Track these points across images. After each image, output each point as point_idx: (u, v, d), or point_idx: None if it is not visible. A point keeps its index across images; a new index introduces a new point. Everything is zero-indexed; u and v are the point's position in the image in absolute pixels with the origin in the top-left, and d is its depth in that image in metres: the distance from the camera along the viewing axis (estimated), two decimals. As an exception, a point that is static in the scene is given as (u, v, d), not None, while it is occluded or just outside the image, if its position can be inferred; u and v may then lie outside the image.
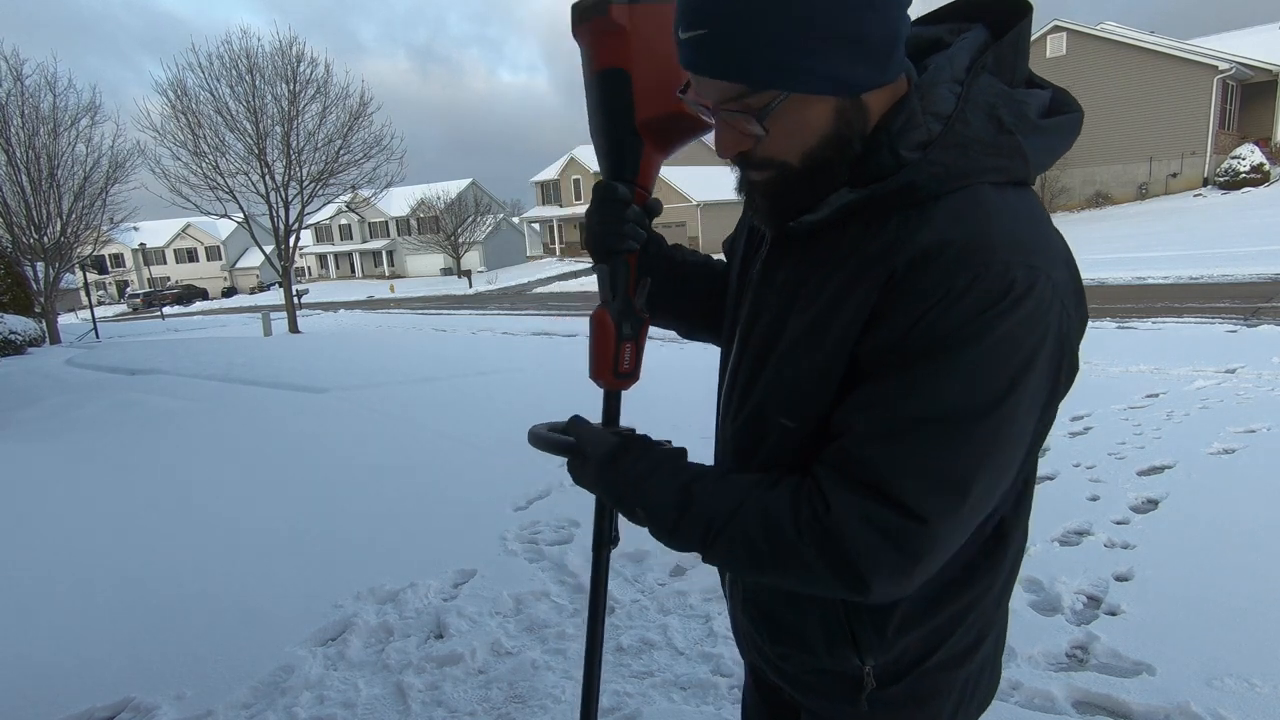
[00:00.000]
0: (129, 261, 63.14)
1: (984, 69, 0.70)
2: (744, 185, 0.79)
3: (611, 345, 0.95)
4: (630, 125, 0.90)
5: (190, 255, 63.73)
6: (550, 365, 8.88)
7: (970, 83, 0.70)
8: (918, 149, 0.69)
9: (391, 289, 41.03)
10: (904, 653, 0.80)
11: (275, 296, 41.58)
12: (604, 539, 1.02)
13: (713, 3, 0.64)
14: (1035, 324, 0.65)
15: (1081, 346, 0.73)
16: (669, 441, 0.88)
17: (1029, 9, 0.73)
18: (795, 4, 0.62)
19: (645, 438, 0.88)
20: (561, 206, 48.10)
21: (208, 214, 18.35)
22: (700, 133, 0.94)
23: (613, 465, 0.83)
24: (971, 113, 0.69)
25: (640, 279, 0.99)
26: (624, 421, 0.99)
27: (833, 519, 0.67)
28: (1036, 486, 0.88)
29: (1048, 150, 0.73)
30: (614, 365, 0.97)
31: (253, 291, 57.16)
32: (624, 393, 1.01)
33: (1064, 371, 0.70)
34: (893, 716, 0.83)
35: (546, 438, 0.90)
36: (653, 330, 1.07)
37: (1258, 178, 22.10)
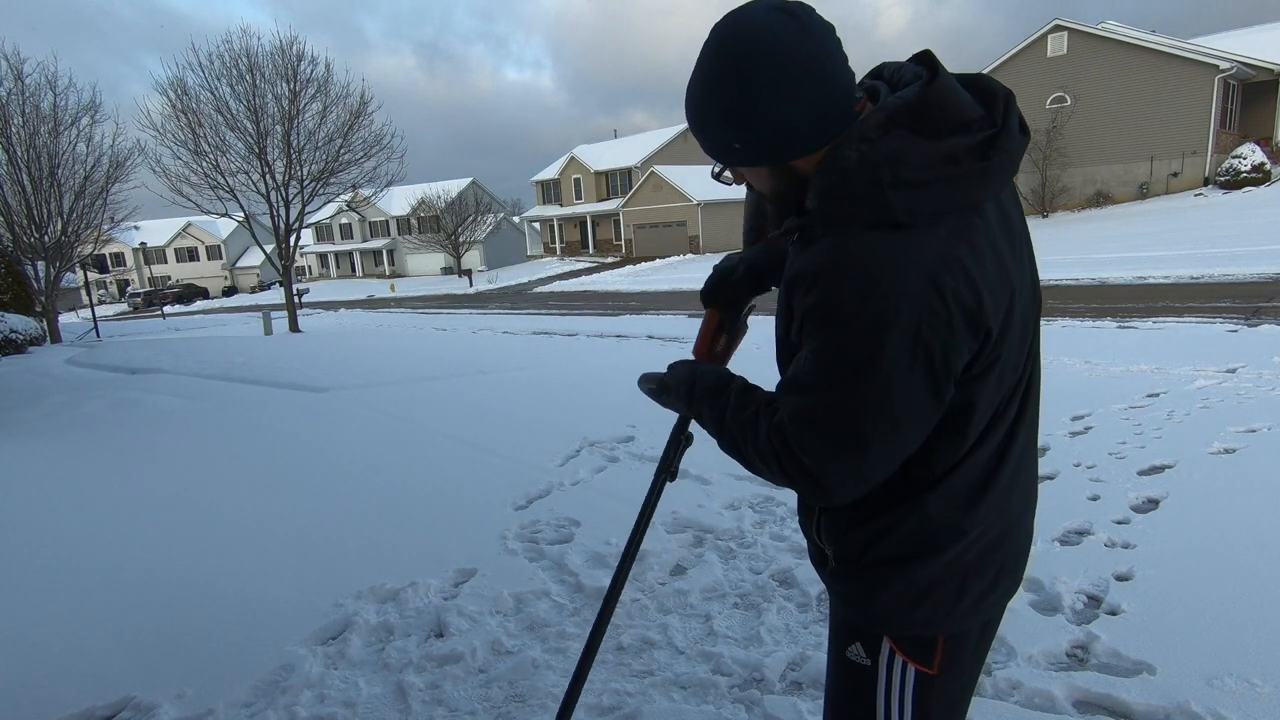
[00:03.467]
0: (129, 260, 63.14)
1: (898, 125, 0.91)
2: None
3: (711, 331, 1.34)
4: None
5: (191, 254, 63.71)
6: (551, 364, 8.89)
7: (877, 140, 0.91)
8: (820, 198, 0.94)
9: (392, 288, 41.04)
10: (849, 545, 1.09)
11: (276, 295, 41.61)
12: (664, 469, 1.34)
13: (690, 119, 1.02)
14: (867, 334, 0.88)
15: (1082, 346, 0.74)
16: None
17: (935, 75, 0.94)
18: (705, 128, 1.00)
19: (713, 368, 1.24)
20: (562, 206, 48.08)
21: (208, 213, 18.34)
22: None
23: (692, 363, 1.26)
24: (859, 172, 0.90)
25: (751, 304, 1.39)
26: (628, 420, 1.07)
27: (775, 447, 0.99)
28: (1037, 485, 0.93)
29: (933, 199, 0.89)
30: (710, 346, 1.35)
31: (253, 290, 57.19)
32: (628, 392, 1.12)
33: (939, 368, 0.90)
34: (843, 588, 1.13)
35: (647, 375, 1.30)
36: (652, 330, 1.15)
37: (1259, 177, 22.08)
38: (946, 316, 0.88)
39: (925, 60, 0.99)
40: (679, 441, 1.31)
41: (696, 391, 1.15)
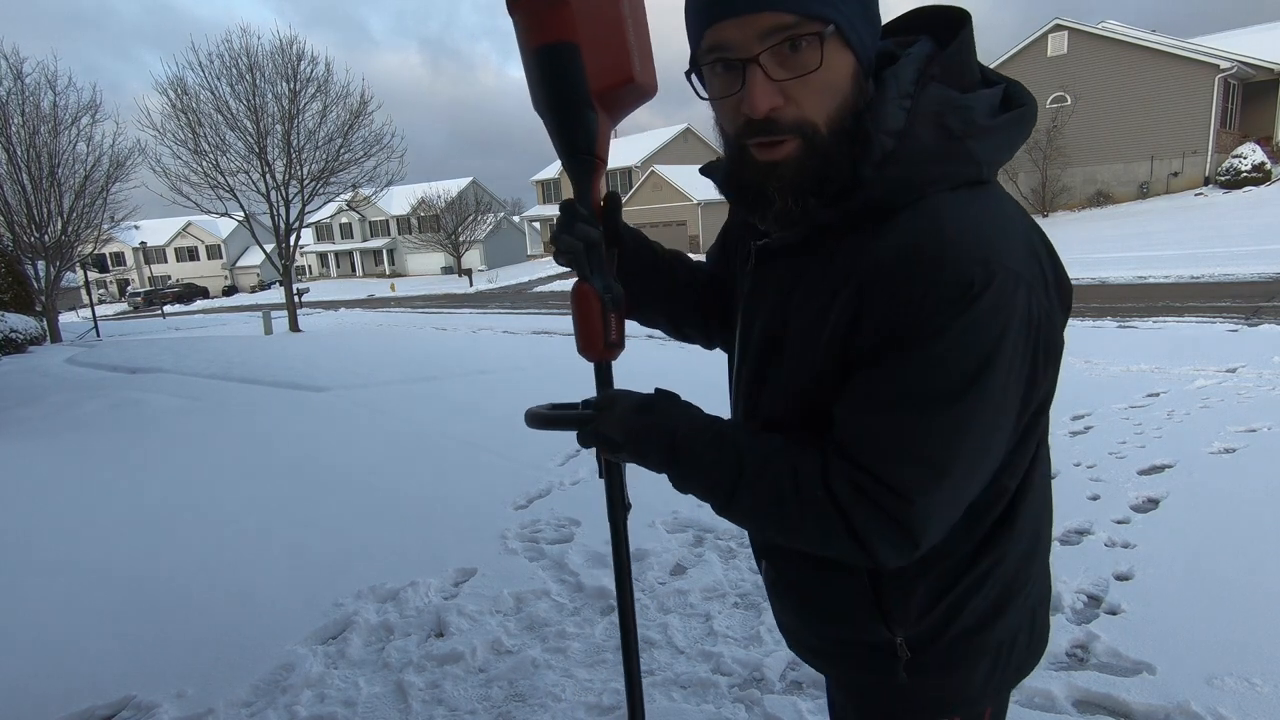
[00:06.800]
0: (130, 260, 63.09)
1: (932, 79, 0.76)
2: (756, 175, 0.77)
3: (598, 316, 0.95)
4: (586, 99, 0.89)
5: (191, 254, 63.70)
6: (551, 364, 8.88)
7: (918, 95, 0.75)
8: (874, 167, 0.74)
9: (392, 288, 41.03)
10: (932, 619, 0.84)
11: (276, 295, 41.58)
12: (619, 504, 1.04)
13: None
14: (996, 315, 0.69)
15: (1082, 346, 0.74)
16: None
17: (968, 18, 0.78)
18: None
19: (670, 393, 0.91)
20: (562, 205, 48.06)
21: (208, 213, 18.36)
22: (646, 98, 0.95)
23: (647, 410, 0.86)
24: (920, 126, 0.74)
25: (610, 250, 0.99)
26: None
27: (838, 494, 0.74)
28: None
29: (1001, 146, 0.76)
30: (604, 336, 0.97)
31: (253, 290, 57.17)
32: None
33: (1041, 352, 0.75)
34: (930, 683, 0.86)
35: (551, 415, 0.93)
36: (654, 329, 1.07)
37: (1259, 177, 22.05)
38: (1043, 284, 0.74)
39: (937, 13, 0.82)
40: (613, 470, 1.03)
41: (680, 446, 0.83)
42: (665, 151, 42.71)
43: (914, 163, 0.73)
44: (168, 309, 40.88)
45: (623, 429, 0.86)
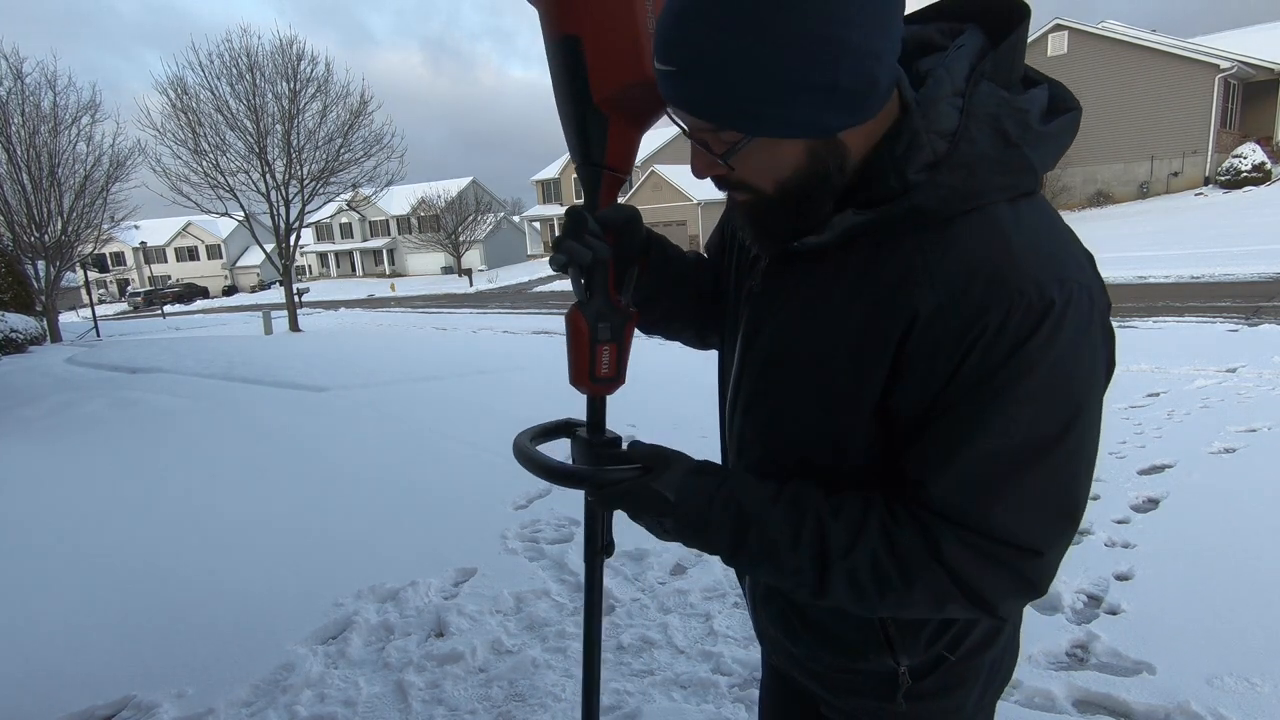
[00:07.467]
0: (130, 260, 63.12)
1: (983, 76, 0.68)
2: (729, 201, 0.81)
3: (586, 348, 0.87)
4: (588, 101, 0.80)
5: (191, 254, 63.74)
6: (551, 364, 8.88)
7: (970, 93, 0.67)
8: (924, 170, 0.67)
9: (392, 287, 41.03)
10: (937, 650, 0.83)
11: (276, 295, 41.58)
12: (598, 546, 0.95)
13: (682, 42, 0.63)
14: (1084, 333, 0.65)
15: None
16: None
17: (1028, 12, 0.70)
18: (762, 54, 0.60)
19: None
20: (562, 205, 48.11)
21: (208, 212, 18.37)
22: None
23: (703, 473, 0.77)
24: (976, 128, 0.67)
25: (626, 270, 0.90)
26: (629, 420, 0.96)
27: (953, 563, 0.68)
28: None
29: (1052, 154, 0.71)
30: (590, 370, 0.88)
31: (253, 290, 57.19)
32: (629, 391, 0.96)
33: (1111, 363, 0.71)
34: (928, 707, 0.85)
35: (555, 469, 0.80)
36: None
37: (1259, 177, 22.06)
38: (1101, 292, 0.69)
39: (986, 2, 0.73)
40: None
41: (749, 518, 0.74)
42: (665, 151, 42.70)
43: (973, 170, 0.67)
44: (168, 309, 40.87)
45: (679, 492, 0.74)
